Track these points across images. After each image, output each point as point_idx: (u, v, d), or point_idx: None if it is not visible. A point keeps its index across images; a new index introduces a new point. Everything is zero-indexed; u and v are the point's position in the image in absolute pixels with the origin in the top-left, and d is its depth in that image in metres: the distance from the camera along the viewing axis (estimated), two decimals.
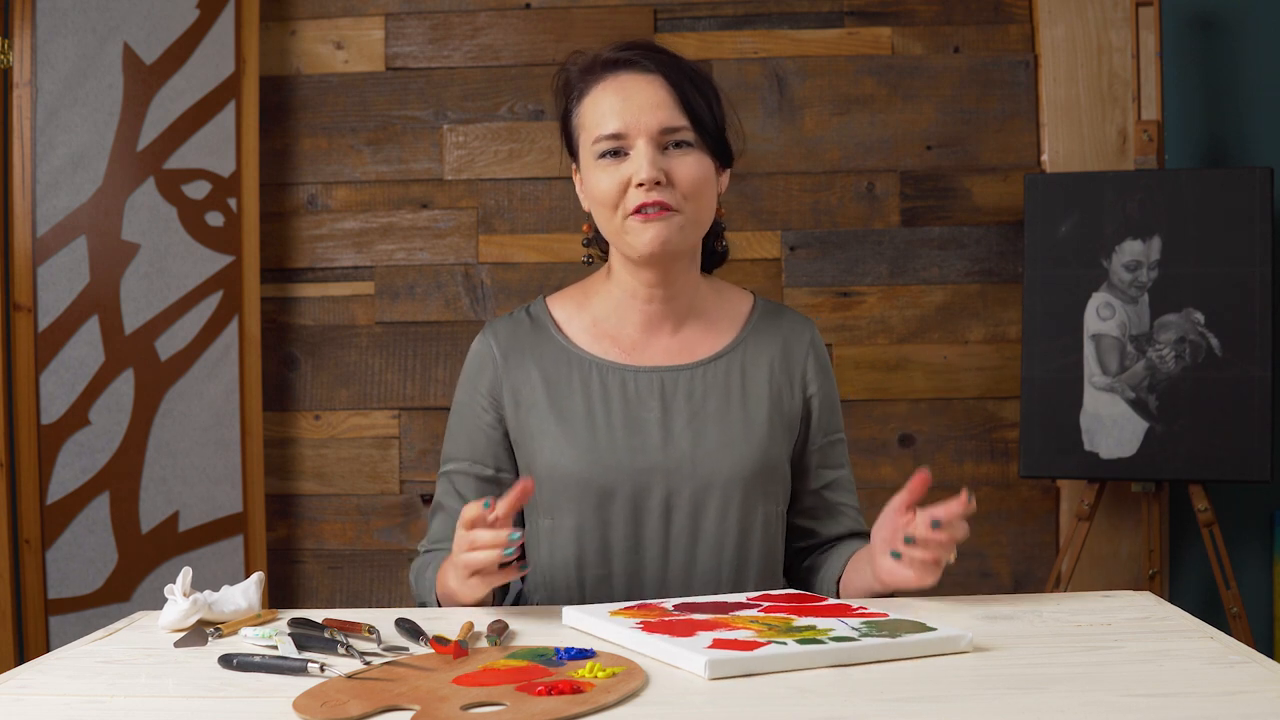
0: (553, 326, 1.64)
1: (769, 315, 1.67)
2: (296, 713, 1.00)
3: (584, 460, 1.55)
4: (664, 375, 1.59)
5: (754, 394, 1.61)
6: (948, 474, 2.89)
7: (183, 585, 1.33)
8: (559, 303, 1.68)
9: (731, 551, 1.56)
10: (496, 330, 1.65)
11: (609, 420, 1.57)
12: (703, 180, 1.54)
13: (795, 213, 2.91)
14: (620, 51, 1.57)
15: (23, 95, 2.59)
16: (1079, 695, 1.01)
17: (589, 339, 1.62)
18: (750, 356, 1.63)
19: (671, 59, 1.57)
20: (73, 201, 2.64)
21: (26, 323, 2.59)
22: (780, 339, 1.65)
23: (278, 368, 2.97)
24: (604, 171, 1.54)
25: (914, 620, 1.23)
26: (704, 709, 1.01)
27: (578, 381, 1.59)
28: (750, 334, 1.64)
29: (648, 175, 1.50)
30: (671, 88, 1.54)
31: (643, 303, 1.61)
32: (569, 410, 1.58)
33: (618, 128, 1.53)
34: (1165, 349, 2.57)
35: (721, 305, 1.66)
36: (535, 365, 1.61)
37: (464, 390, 1.65)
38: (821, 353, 1.68)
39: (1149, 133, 2.66)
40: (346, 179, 2.97)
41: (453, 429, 1.65)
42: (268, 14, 2.94)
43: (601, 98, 1.55)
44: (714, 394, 1.59)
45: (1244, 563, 2.78)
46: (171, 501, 2.73)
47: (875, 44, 2.92)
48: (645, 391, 1.58)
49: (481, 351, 1.64)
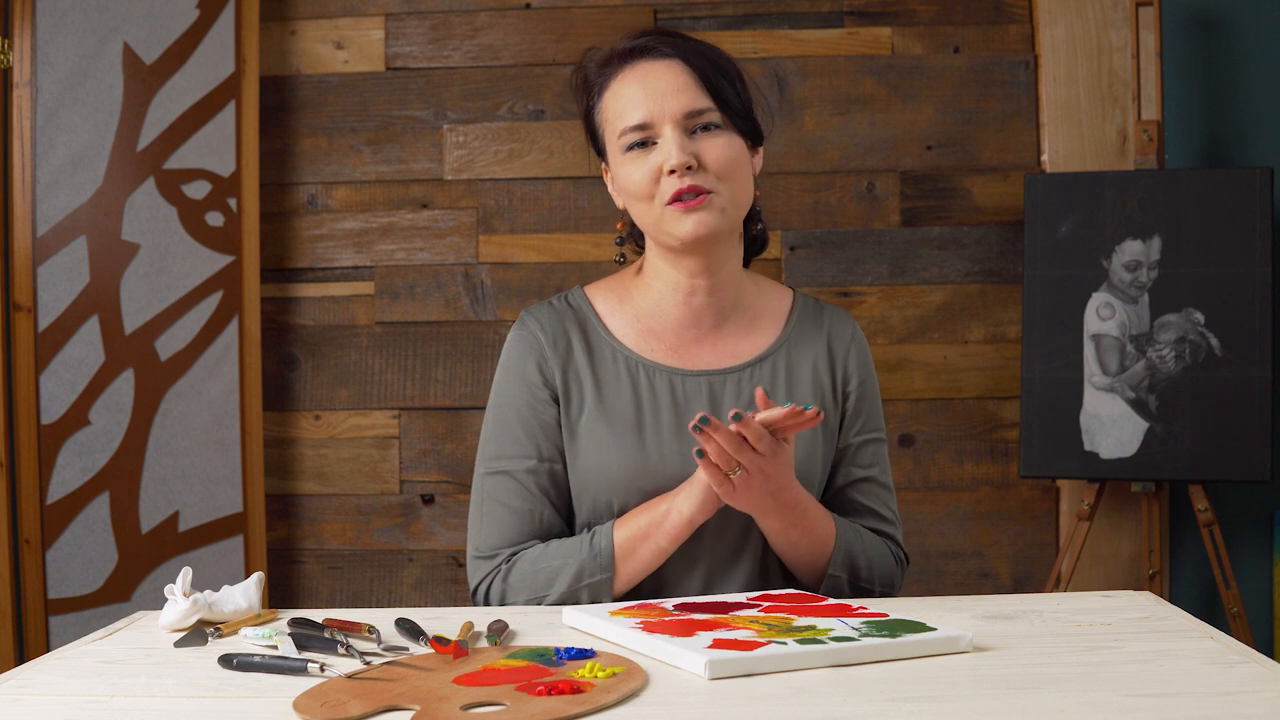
0: (595, 319, 1.58)
1: (809, 311, 1.63)
2: (296, 713, 1.00)
3: (632, 466, 1.50)
4: (712, 379, 1.55)
5: (799, 395, 1.56)
6: (948, 474, 2.89)
7: (183, 585, 1.33)
8: (599, 294, 1.61)
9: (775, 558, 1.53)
10: (539, 317, 1.58)
11: (658, 425, 1.52)
12: (736, 160, 1.50)
13: (795, 213, 2.91)
14: (635, 40, 1.53)
15: (23, 95, 2.59)
16: (1079, 695, 1.01)
17: (634, 336, 1.57)
18: (795, 356, 1.58)
19: (688, 41, 1.53)
20: (73, 201, 2.64)
21: (26, 323, 2.59)
22: (823, 336, 1.60)
23: (278, 368, 2.97)
24: (634, 163, 1.50)
25: (914, 620, 1.23)
26: (704, 709, 1.01)
27: (626, 381, 1.54)
28: (793, 333, 1.60)
29: (678, 160, 1.46)
30: (692, 70, 1.50)
31: (685, 295, 1.56)
32: (618, 411, 1.53)
33: (642, 117, 1.49)
34: (1165, 349, 2.57)
35: (762, 302, 1.61)
36: (584, 360, 1.55)
37: (514, 383, 1.56)
38: (863, 348, 1.63)
39: (1149, 133, 2.66)
40: (346, 179, 2.97)
41: (505, 424, 1.55)
42: (268, 14, 2.94)
43: (622, 90, 1.51)
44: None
45: (1244, 563, 2.78)
46: (171, 501, 2.73)
47: (875, 44, 2.92)
48: (694, 396, 1.54)
49: (526, 338, 1.56)
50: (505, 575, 1.52)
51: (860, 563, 1.53)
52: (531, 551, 1.52)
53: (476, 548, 1.56)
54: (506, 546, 1.54)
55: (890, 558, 1.58)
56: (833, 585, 1.51)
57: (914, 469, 2.89)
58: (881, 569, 1.56)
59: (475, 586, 1.55)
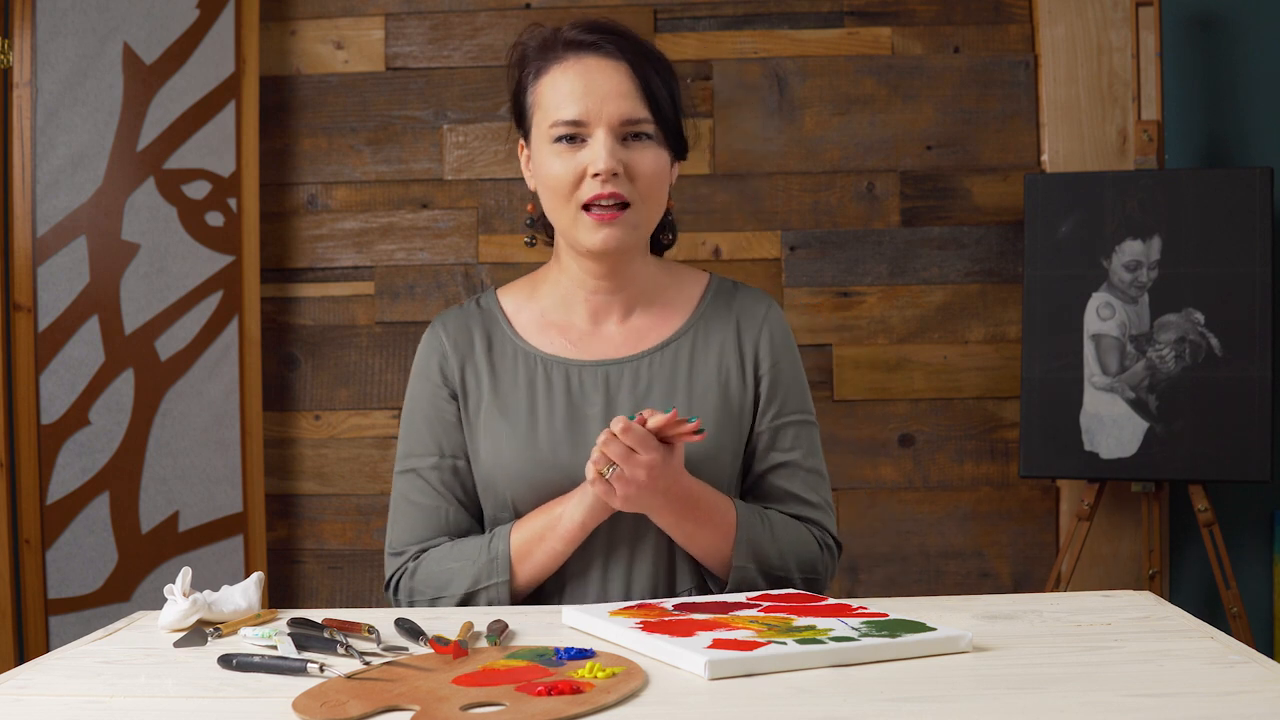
0: (502, 318, 1.60)
1: (722, 295, 1.61)
2: (296, 713, 1.00)
3: (525, 458, 1.51)
4: (609, 369, 1.55)
5: (700, 382, 1.54)
6: (948, 474, 2.89)
7: (182, 585, 1.33)
8: (509, 294, 1.63)
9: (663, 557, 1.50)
10: (446, 322, 1.60)
11: (551, 417, 1.52)
12: (660, 174, 1.50)
13: (795, 213, 2.91)
14: (583, 33, 1.51)
15: (23, 95, 2.59)
16: (1079, 695, 1.01)
17: (536, 331, 1.58)
18: (700, 341, 1.57)
19: (637, 44, 1.51)
20: (73, 201, 2.64)
21: (26, 323, 2.59)
22: (733, 319, 1.58)
23: (278, 368, 2.97)
24: (559, 157, 1.49)
25: (914, 620, 1.23)
26: (704, 709, 1.01)
27: (523, 376, 1.55)
28: (701, 317, 1.58)
29: (605, 166, 1.45)
30: (636, 77, 1.48)
31: (589, 293, 1.57)
32: (513, 406, 1.54)
33: (578, 114, 1.47)
34: (1165, 349, 2.57)
35: (674, 289, 1.60)
36: (484, 358, 1.57)
37: (419, 383, 1.60)
38: (778, 328, 1.59)
39: (1149, 133, 2.66)
40: (346, 179, 2.97)
41: (413, 424, 1.59)
42: (268, 14, 2.94)
43: (561, 79, 1.50)
44: (658, 385, 1.53)
45: (1244, 563, 2.78)
46: (171, 501, 2.73)
47: (875, 44, 2.92)
48: (589, 386, 1.54)
49: (430, 340, 1.60)
50: (412, 573, 1.54)
51: (769, 550, 1.49)
52: (437, 551, 1.54)
53: (389, 544, 1.59)
54: (415, 543, 1.56)
55: (811, 544, 1.53)
56: (741, 577, 1.48)
57: (914, 469, 2.89)
58: (799, 556, 1.51)
59: (387, 582, 1.58)
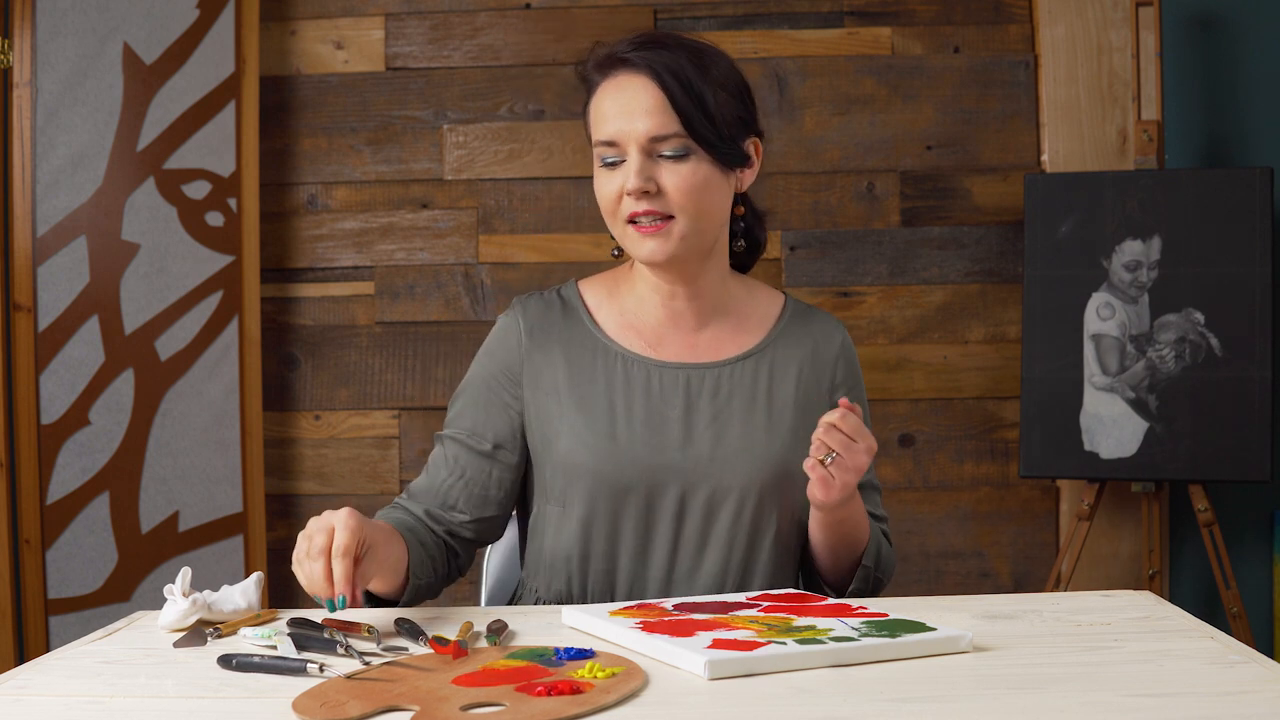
0: (584, 311, 1.60)
1: (799, 317, 1.63)
2: (296, 713, 1.00)
3: (601, 453, 1.52)
4: (689, 373, 1.56)
5: (780, 398, 1.57)
6: (948, 474, 2.89)
7: (182, 585, 1.33)
8: (591, 288, 1.63)
9: (739, 558, 1.53)
10: (526, 307, 1.61)
11: (630, 414, 1.54)
12: (699, 187, 1.48)
13: (795, 213, 2.91)
14: (625, 49, 1.51)
15: (23, 95, 2.59)
16: (1079, 695, 1.01)
17: (617, 328, 1.59)
18: (779, 359, 1.59)
19: (670, 53, 1.49)
20: (73, 201, 2.64)
21: (26, 323, 2.59)
22: (811, 341, 1.61)
23: (278, 368, 2.97)
24: (604, 177, 1.51)
25: (914, 620, 1.23)
26: (704, 709, 1.01)
27: (601, 371, 1.56)
28: (780, 336, 1.61)
29: (634, 185, 1.47)
30: (662, 90, 1.47)
31: (665, 298, 1.58)
32: (590, 399, 1.55)
33: (611, 135, 1.49)
34: (1165, 349, 2.57)
35: (751, 305, 1.62)
36: (560, 349, 1.57)
37: (482, 361, 1.61)
38: (851, 356, 1.64)
39: (1149, 133, 2.66)
40: (346, 179, 2.97)
41: (465, 394, 1.61)
42: (268, 14, 2.94)
43: (601, 101, 1.52)
44: (739, 395, 1.56)
45: (1244, 563, 2.78)
46: (171, 501, 2.73)
47: (875, 44, 2.92)
48: (669, 388, 1.55)
49: (508, 327, 1.60)
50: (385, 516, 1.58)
51: (883, 552, 1.58)
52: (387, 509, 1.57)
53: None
54: (412, 497, 1.59)
55: (891, 550, 1.63)
56: (864, 575, 1.55)
57: (914, 469, 2.89)
58: (888, 559, 1.61)
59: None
